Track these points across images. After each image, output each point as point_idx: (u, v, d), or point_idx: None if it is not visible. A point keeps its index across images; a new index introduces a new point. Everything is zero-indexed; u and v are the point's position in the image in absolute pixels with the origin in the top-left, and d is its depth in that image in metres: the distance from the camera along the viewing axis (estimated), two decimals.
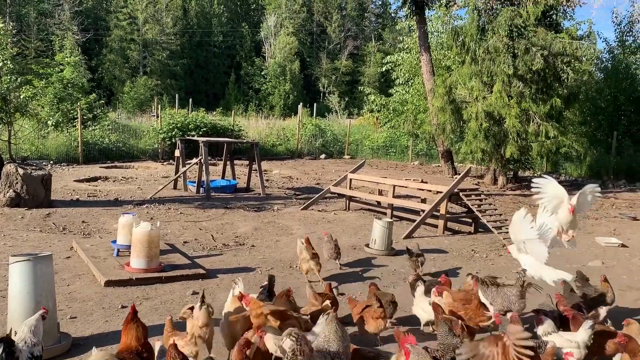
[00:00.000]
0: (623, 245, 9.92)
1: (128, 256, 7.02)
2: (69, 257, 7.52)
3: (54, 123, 20.42)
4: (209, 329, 4.12)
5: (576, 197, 5.44)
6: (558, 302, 5.01)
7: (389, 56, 28.19)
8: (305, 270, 6.77)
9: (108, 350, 3.88)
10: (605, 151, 21.67)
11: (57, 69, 22.27)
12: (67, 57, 24.88)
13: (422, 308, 5.17)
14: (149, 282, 6.48)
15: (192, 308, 4.34)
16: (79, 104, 20.21)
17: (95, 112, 22.52)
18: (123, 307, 5.76)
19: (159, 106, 26.96)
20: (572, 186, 18.70)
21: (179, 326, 4.57)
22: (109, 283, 6.35)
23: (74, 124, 20.11)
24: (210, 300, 5.26)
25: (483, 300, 4.92)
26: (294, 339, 3.38)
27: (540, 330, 4.42)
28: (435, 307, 4.51)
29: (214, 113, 28.28)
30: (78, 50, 44.50)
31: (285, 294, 4.86)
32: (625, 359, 3.92)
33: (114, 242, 7.61)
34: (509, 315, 4.13)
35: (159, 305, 5.90)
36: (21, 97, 12.90)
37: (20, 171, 10.60)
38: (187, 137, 16.91)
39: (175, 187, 14.31)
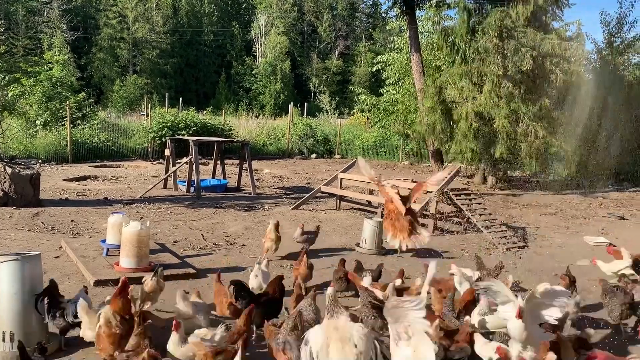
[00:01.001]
0: (611, 245, 10.02)
1: (117, 256, 6.98)
2: (57, 256, 7.47)
3: (42, 122, 20.24)
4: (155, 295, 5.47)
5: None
6: None
7: (379, 56, 28.27)
8: (266, 248, 7.68)
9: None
10: (593, 151, 21.84)
11: (45, 67, 22.08)
12: (56, 55, 24.68)
13: None
14: (139, 281, 6.44)
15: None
16: (68, 102, 20.04)
17: (84, 111, 22.34)
18: None
19: (149, 105, 26.81)
20: (561, 186, 18.86)
21: None
22: (98, 282, 6.32)
23: (63, 122, 19.94)
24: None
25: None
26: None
27: (477, 310, 4.81)
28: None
29: (204, 112, 28.19)
30: (67, 48, 44.30)
31: (277, 280, 5.41)
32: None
33: (104, 241, 7.57)
34: None
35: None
36: (9, 95, 12.80)
37: (9, 170, 10.50)
38: (177, 137, 16.85)
39: (165, 187, 14.25)
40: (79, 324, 4.54)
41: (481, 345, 4.22)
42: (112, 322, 4.11)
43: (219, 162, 15.29)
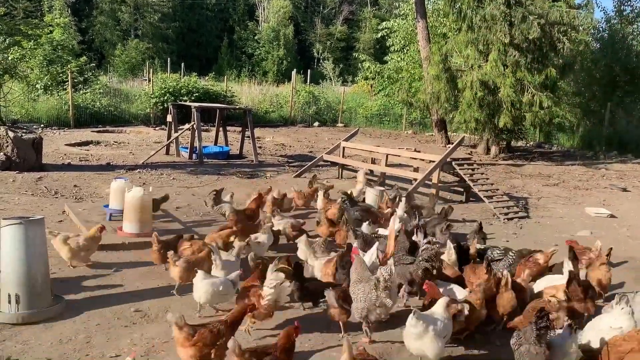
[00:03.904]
0: (612, 216, 10.05)
1: (120, 221, 7.04)
2: (61, 220, 7.53)
3: (42, 86, 20.09)
4: None
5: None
6: None
7: (384, 22, 27.79)
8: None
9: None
10: (598, 122, 21.69)
11: (46, 30, 21.77)
12: (56, 18, 24.33)
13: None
14: (142, 246, 6.51)
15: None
16: (69, 66, 19.85)
17: (86, 75, 22.14)
18: (116, 270, 5.80)
19: (151, 70, 26.51)
20: (563, 157, 18.82)
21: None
22: (101, 247, 6.38)
23: (65, 87, 19.80)
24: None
25: None
26: None
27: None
28: None
29: (207, 78, 27.91)
30: (67, 11, 43.54)
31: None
32: None
33: (106, 206, 7.63)
34: None
35: (152, 269, 5.95)
36: (10, 58, 12.67)
37: (11, 134, 10.49)
38: (180, 103, 16.75)
39: (167, 153, 14.25)
40: None
41: None
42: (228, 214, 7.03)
43: (221, 129, 15.24)
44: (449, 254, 5.79)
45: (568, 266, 4.96)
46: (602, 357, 3.78)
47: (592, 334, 4.14)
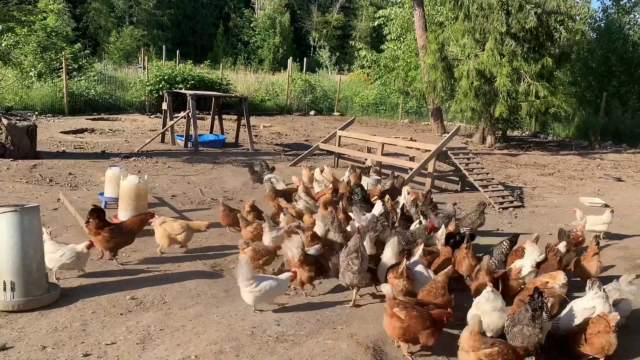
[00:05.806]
0: (606, 206, 10.09)
1: (116, 209, 7.03)
2: (56, 208, 7.51)
3: (36, 73, 19.91)
4: None
5: None
6: None
7: (381, 10, 27.65)
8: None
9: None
10: (593, 112, 21.73)
11: (40, 16, 21.51)
12: (50, 4, 24.04)
13: None
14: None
15: None
16: (63, 53, 19.67)
17: (80, 63, 21.94)
18: (111, 258, 5.80)
19: (146, 57, 26.31)
20: (559, 146, 18.86)
21: None
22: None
23: (59, 74, 19.63)
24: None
25: None
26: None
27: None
28: None
29: (202, 66, 27.72)
30: None
31: None
32: None
33: (102, 194, 7.61)
34: None
35: (148, 257, 5.96)
36: (3, 44, 12.55)
37: (5, 121, 10.42)
38: (175, 90, 16.65)
39: (162, 141, 14.19)
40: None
41: None
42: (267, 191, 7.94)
43: (216, 117, 15.17)
44: (441, 238, 5.98)
45: (533, 249, 5.24)
46: (573, 338, 4.13)
47: (568, 316, 4.39)
